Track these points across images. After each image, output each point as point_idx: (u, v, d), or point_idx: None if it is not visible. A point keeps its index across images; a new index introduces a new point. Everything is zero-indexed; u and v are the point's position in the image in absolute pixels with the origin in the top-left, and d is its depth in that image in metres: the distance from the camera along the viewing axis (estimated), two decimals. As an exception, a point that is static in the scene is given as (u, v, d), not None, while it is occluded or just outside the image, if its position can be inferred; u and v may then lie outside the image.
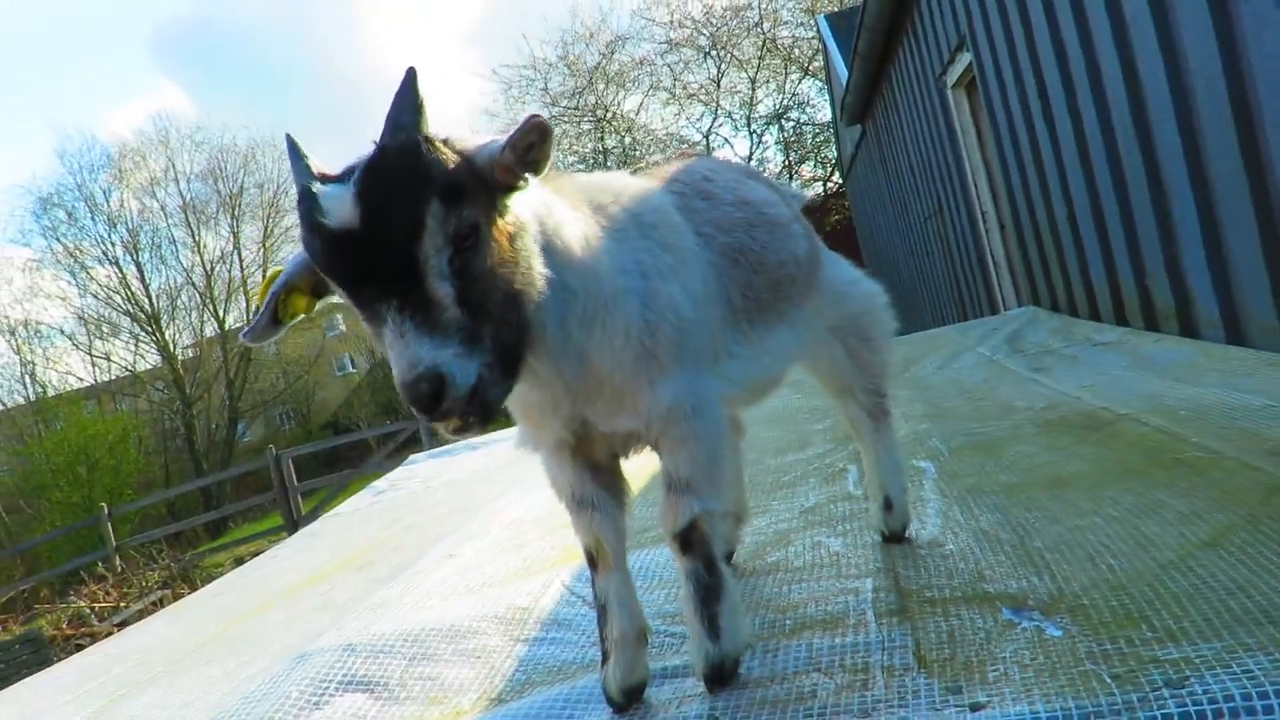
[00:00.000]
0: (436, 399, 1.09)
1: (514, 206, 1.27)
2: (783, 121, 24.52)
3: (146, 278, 29.77)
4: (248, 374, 30.83)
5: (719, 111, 24.56)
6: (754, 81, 23.87)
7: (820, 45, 19.14)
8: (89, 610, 10.98)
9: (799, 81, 24.02)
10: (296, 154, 1.22)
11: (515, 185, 1.24)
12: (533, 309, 1.26)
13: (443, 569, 2.67)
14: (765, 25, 23.15)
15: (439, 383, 1.09)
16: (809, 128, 24.49)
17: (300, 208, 1.16)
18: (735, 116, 24.79)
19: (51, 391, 28.28)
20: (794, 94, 24.29)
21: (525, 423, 1.48)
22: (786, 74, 23.89)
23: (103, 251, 29.46)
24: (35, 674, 3.89)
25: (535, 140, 1.19)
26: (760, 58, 23.44)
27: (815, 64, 22.64)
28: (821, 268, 1.87)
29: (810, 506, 2.47)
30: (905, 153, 10.13)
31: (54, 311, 38.45)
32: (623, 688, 1.45)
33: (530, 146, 1.20)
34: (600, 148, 24.16)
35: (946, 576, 1.72)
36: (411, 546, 3.45)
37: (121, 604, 11.20)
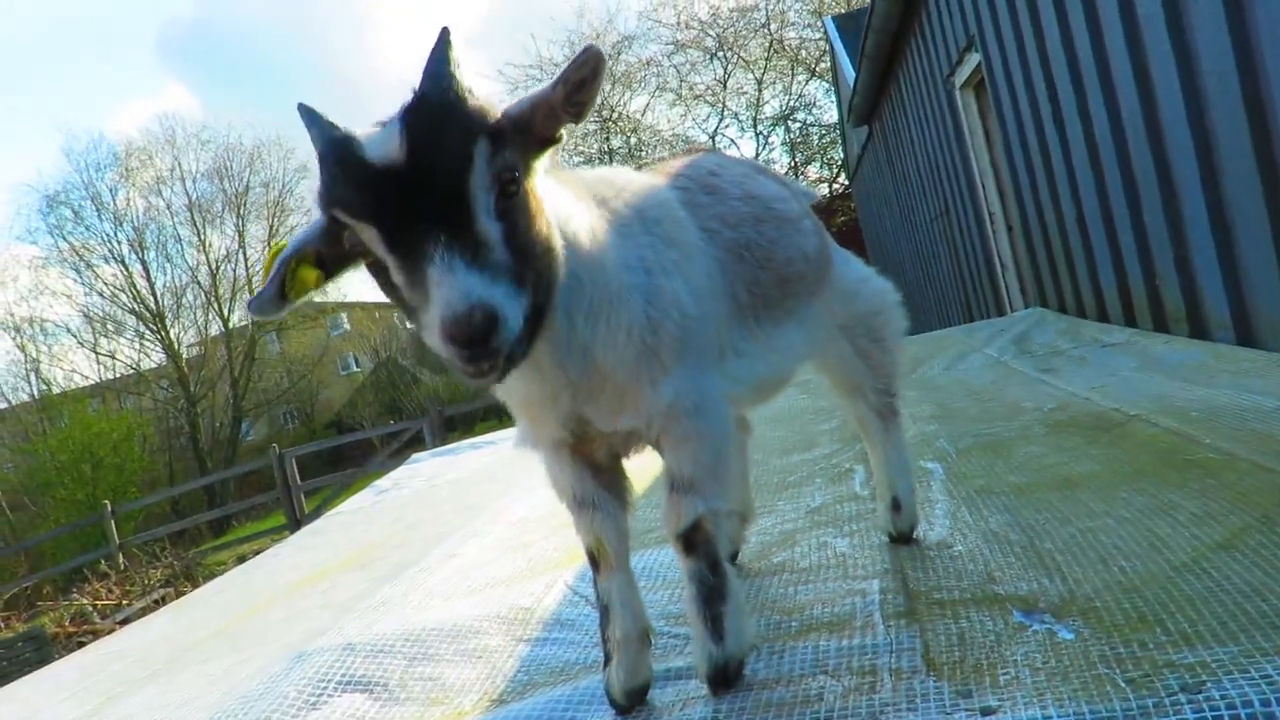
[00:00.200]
0: (487, 336, 1.02)
1: (537, 173, 1.23)
2: (789, 123, 24.55)
3: (152, 276, 29.96)
4: (252, 373, 30.91)
5: (725, 112, 24.60)
6: (760, 83, 23.90)
7: (827, 46, 19.11)
8: (91, 608, 11.00)
9: (805, 83, 24.07)
10: (314, 116, 1.17)
11: (553, 137, 1.21)
12: (559, 276, 1.22)
13: (445, 568, 2.65)
14: (772, 26, 23.18)
15: (493, 319, 1.02)
16: (815, 129, 24.52)
17: (331, 154, 1.11)
18: (742, 117, 24.85)
19: (56, 389, 28.41)
20: (800, 95, 24.35)
21: (524, 418, 1.45)
22: (793, 75, 23.92)
23: (109, 250, 29.66)
24: (36, 671, 3.88)
25: (588, 76, 1.16)
26: (767, 59, 23.46)
27: (822, 65, 22.66)
28: (832, 265, 1.84)
29: (816, 507, 2.44)
30: (912, 154, 10.09)
31: (59, 309, 38.67)
32: (626, 689, 1.43)
33: (582, 83, 1.16)
34: (606, 148, 24.18)
35: (955, 578, 1.69)
36: (414, 545, 3.43)
37: (124, 602, 11.20)
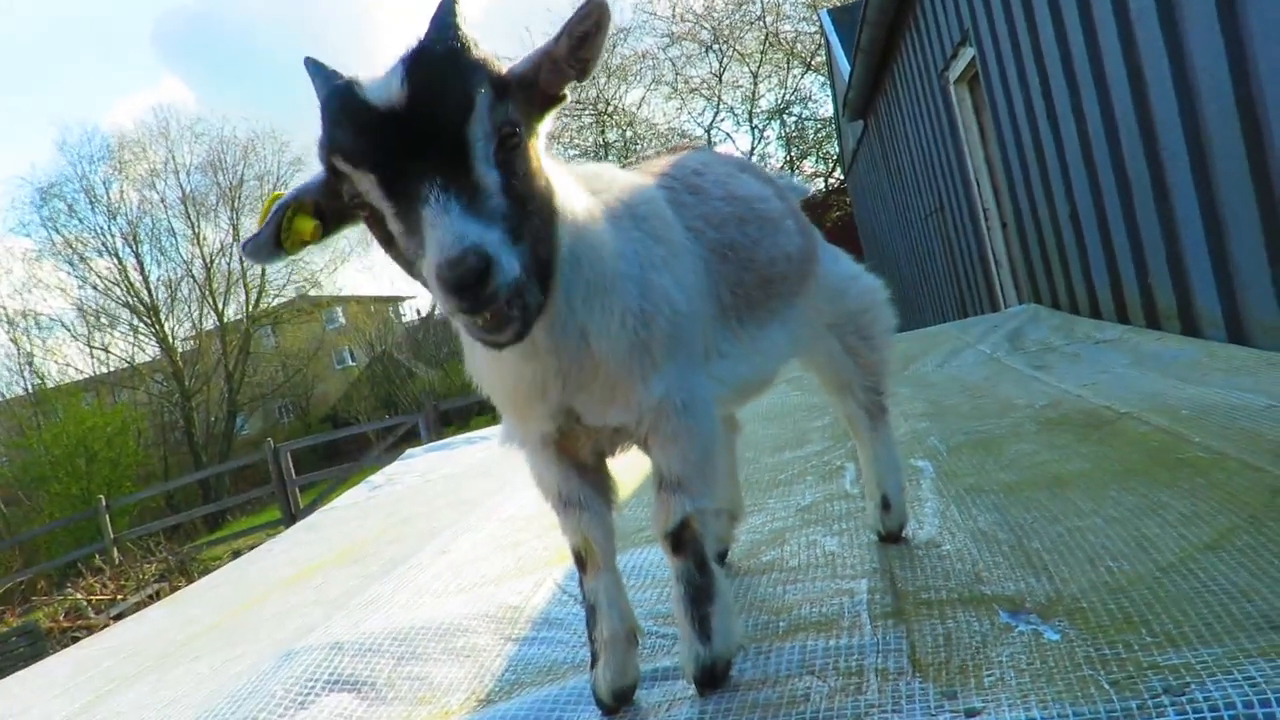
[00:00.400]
0: (482, 281, 1.01)
1: (540, 136, 1.23)
2: (785, 116, 24.51)
3: (146, 269, 29.85)
4: (247, 367, 30.84)
5: (721, 106, 24.55)
6: (756, 76, 23.84)
7: (823, 40, 19.08)
8: (86, 603, 10.98)
9: (801, 76, 24.02)
10: (320, 67, 1.16)
11: (557, 95, 1.21)
12: (559, 237, 1.22)
13: (436, 565, 2.65)
14: (767, 19, 23.12)
15: (486, 262, 1.01)
16: (811, 123, 24.48)
17: (333, 101, 1.11)
18: (737, 111, 24.79)
19: (50, 383, 28.32)
20: (796, 89, 24.30)
21: (510, 412, 1.44)
22: (789, 68, 23.87)
23: (102, 243, 29.56)
24: (30, 666, 3.88)
25: (591, 29, 1.16)
26: (762, 52, 23.40)
27: (818, 59, 22.60)
28: (818, 264, 1.83)
29: (807, 505, 2.44)
30: (907, 149, 10.08)
31: (53, 303, 38.53)
32: (612, 690, 1.43)
33: (585, 37, 1.16)
34: (601, 141, 24.12)
35: (943, 578, 1.70)
36: (407, 541, 3.43)
37: (119, 596, 11.19)
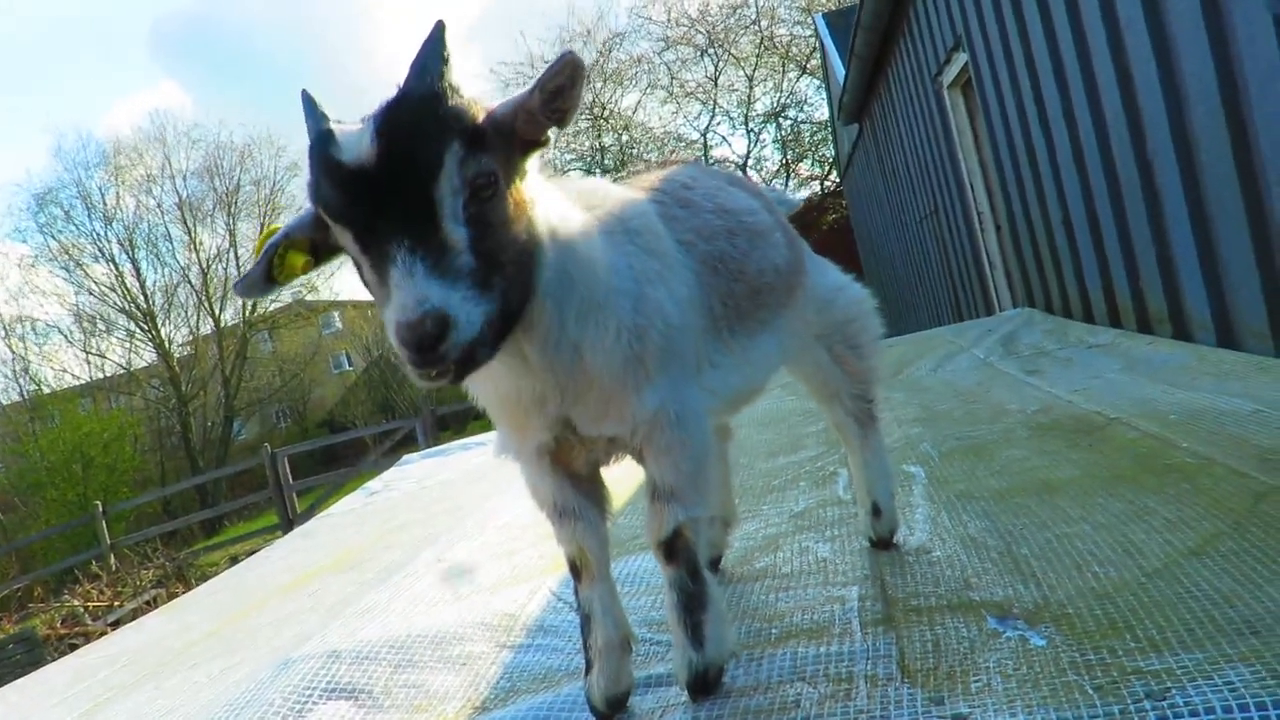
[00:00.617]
0: (437, 341, 1.05)
1: (529, 174, 1.24)
2: (780, 120, 24.53)
3: (142, 275, 29.83)
4: (243, 372, 30.81)
5: (716, 109, 24.57)
6: (751, 79, 23.88)
7: (818, 43, 19.13)
8: (83, 609, 10.96)
9: (796, 80, 24.05)
10: (312, 106, 1.19)
11: (537, 140, 1.22)
12: (539, 279, 1.24)
13: (431, 573, 2.66)
14: (762, 23, 23.17)
15: (443, 324, 1.05)
16: (806, 126, 24.52)
17: (313, 151, 1.13)
18: (733, 115, 24.83)
19: (47, 389, 28.27)
20: (791, 92, 24.34)
21: (505, 425, 1.46)
22: (784, 72, 23.91)
23: (99, 249, 29.54)
24: (28, 674, 3.88)
25: (565, 84, 1.17)
26: (758, 56, 23.45)
27: (813, 62, 22.65)
28: (805, 275, 1.86)
29: (800, 511, 2.46)
30: (902, 153, 10.12)
31: (50, 308, 38.48)
32: (607, 697, 1.45)
33: (560, 90, 1.17)
34: (597, 145, 24.15)
35: (933, 584, 1.72)
36: (403, 547, 3.44)
37: (116, 603, 11.17)
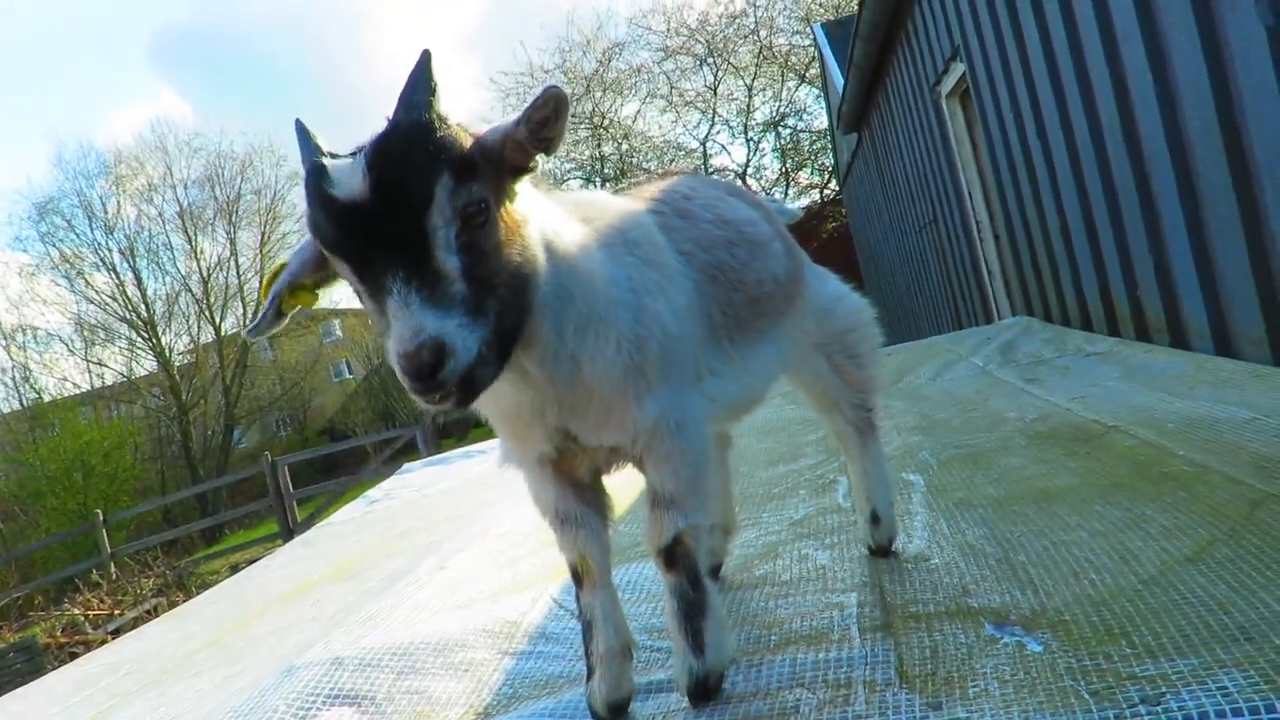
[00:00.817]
0: (435, 369, 1.08)
1: (520, 194, 1.27)
2: (779, 128, 24.61)
3: (143, 284, 29.87)
4: (244, 380, 30.84)
5: (716, 119, 24.65)
6: (751, 89, 23.97)
7: (816, 53, 19.21)
8: (83, 618, 10.95)
9: (796, 89, 24.14)
10: (306, 136, 1.21)
11: (526, 166, 1.25)
12: (535, 298, 1.26)
13: (433, 581, 2.67)
14: (761, 33, 23.27)
15: (440, 352, 1.08)
16: (806, 135, 24.59)
17: (308, 184, 1.16)
18: (732, 124, 24.91)
19: (47, 398, 28.29)
20: (791, 101, 24.41)
21: (507, 435, 1.48)
22: (783, 81, 24.00)
23: (100, 258, 29.59)
24: (28, 683, 3.88)
25: (550, 116, 1.19)
26: (757, 65, 23.53)
27: (812, 71, 22.74)
28: (804, 285, 1.88)
29: (799, 519, 2.48)
30: (901, 162, 10.16)
31: (51, 317, 38.49)
32: (608, 703, 1.46)
33: (545, 122, 1.19)
34: (597, 155, 24.23)
35: (931, 591, 1.73)
36: (404, 556, 3.46)
37: (116, 612, 11.15)
